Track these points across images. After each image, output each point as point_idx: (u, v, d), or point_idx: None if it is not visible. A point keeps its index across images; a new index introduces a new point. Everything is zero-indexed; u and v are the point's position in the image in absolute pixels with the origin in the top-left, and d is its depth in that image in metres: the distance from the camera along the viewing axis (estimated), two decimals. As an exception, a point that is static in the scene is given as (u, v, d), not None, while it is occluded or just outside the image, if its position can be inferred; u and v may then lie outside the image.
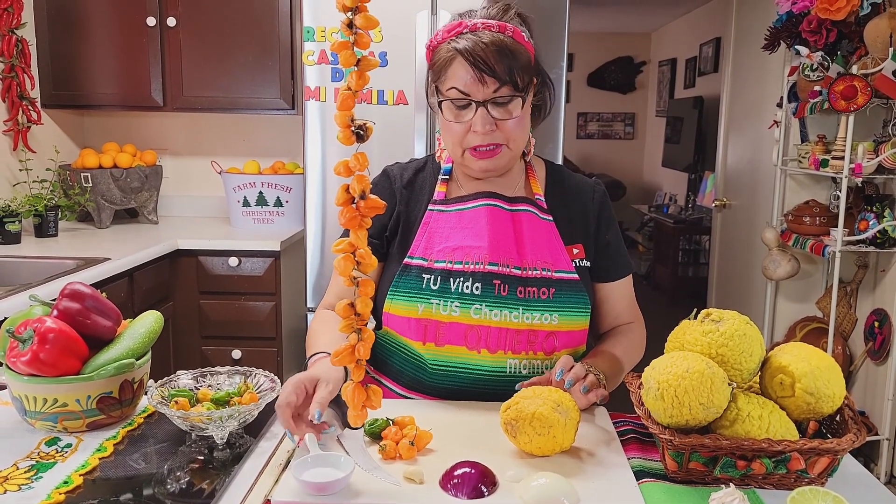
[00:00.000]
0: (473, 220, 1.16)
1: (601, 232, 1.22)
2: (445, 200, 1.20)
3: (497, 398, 1.12)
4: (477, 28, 1.10)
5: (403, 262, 1.16)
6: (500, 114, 1.11)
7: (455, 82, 1.10)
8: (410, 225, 1.20)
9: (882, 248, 2.52)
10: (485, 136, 1.11)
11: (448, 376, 1.14)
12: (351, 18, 0.76)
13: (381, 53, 2.38)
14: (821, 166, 2.57)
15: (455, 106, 1.11)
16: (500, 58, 1.08)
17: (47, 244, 2.51)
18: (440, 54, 1.12)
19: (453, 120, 1.12)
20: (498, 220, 1.16)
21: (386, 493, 0.85)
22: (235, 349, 2.64)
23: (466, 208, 1.18)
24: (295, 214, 2.87)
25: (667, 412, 0.89)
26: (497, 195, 1.18)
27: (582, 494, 0.84)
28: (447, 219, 1.18)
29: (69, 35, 2.77)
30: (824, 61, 2.49)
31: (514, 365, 1.14)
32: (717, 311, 0.96)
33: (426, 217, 1.19)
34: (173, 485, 0.88)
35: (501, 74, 1.08)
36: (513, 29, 1.11)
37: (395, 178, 1.24)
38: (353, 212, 0.80)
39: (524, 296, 1.13)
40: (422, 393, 1.17)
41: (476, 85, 1.09)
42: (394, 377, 1.21)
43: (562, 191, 1.24)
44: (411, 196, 1.22)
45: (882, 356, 2.63)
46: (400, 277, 1.16)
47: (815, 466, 0.87)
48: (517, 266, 1.14)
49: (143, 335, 1.07)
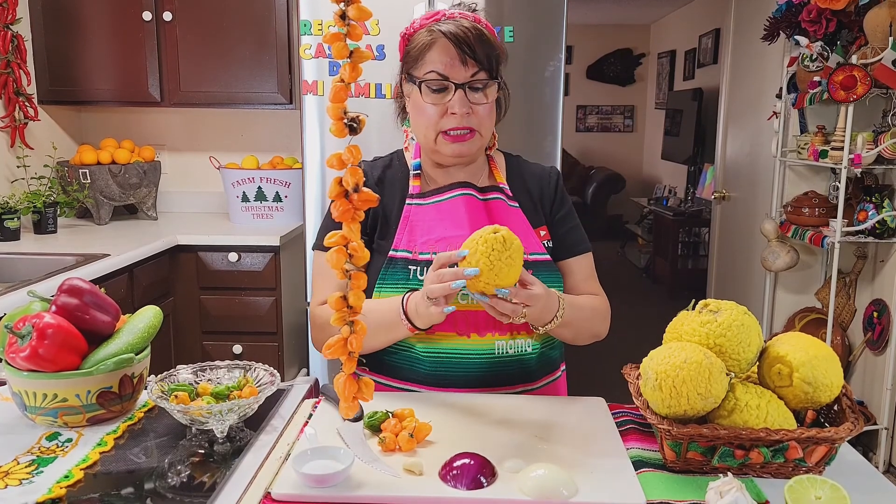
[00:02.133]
0: (452, 211, 1.20)
1: (554, 210, 1.28)
2: (421, 194, 1.23)
3: (488, 382, 1.16)
4: (455, 17, 1.16)
5: (388, 255, 1.19)
6: (477, 98, 1.15)
7: (434, 65, 1.14)
8: (388, 220, 1.22)
9: (881, 238, 2.52)
10: (461, 118, 1.14)
11: (440, 363, 1.16)
12: (344, 10, 0.76)
13: (378, 46, 2.38)
14: (820, 157, 2.57)
15: (431, 89, 1.15)
16: (480, 42, 1.14)
17: (46, 241, 2.51)
18: (418, 39, 1.17)
19: (431, 102, 1.15)
20: (474, 209, 1.20)
21: (386, 484, 0.85)
22: (236, 344, 2.64)
23: (443, 199, 1.21)
24: (294, 209, 2.87)
25: (665, 402, 0.89)
26: (470, 185, 1.22)
27: (581, 485, 0.84)
28: (426, 211, 1.21)
29: (65, 30, 2.76)
30: (824, 51, 2.48)
31: (501, 346, 1.17)
32: (714, 301, 0.97)
33: (405, 211, 1.21)
34: (174, 478, 0.88)
35: (481, 58, 1.13)
36: (485, 23, 1.18)
37: (368, 176, 1.26)
38: (347, 205, 0.80)
39: None
40: (417, 383, 1.18)
41: (457, 67, 1.13)
42: (388, 372, 1.21)
43: (522, 179, 1.29)
44: (384, 192, 1.24)
45: (881, 346, 2.64)
46: (386, 270, 1.18)
47: (813, 455, 0.87)
48: None
49: (143, 330, 1.07)
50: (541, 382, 1.23)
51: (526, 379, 1.20)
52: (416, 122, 1.20)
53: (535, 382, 1.21)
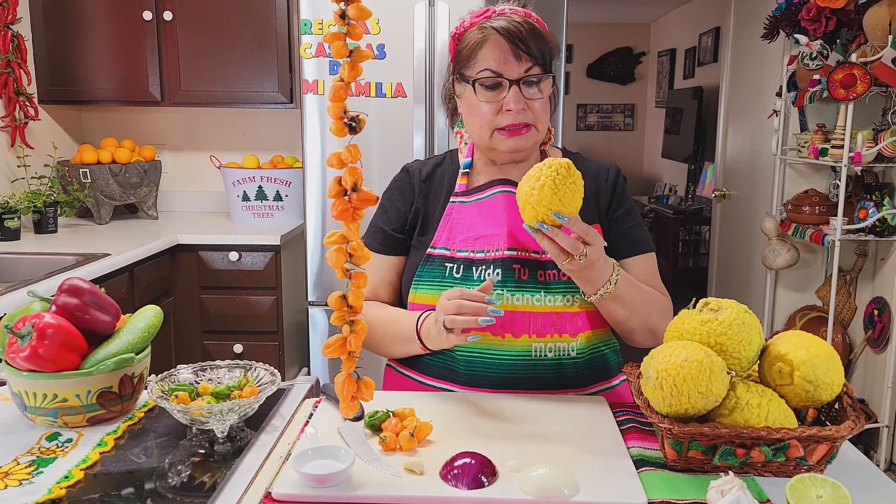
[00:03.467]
0: (492, 209, 1.19)
1: (612, 209, 1.23)
2: (466, 192, 1.23)
3: (524, 384, 1.14)
4: (505, 12, 1.15)
5: (426, 252, 1.19)
6: (531, 93, 1.14)
7: (487, 63, 1.13)
8: (430, 217, 1.23)
9: (881, 236, 2.51)
10: (517, 114, 1.13)
11: (475, 363, 1.15)
12: (343, 9, 0.76)
13: (378, 46, 2.38)
14: (820, 155, 2.57)
15: (485, 87, 1.14)
16: (532, 36, 1.12)
17: (47, 240, 2.51)
18: (469, 38, 1.16)
19: (485, 100, 1.14)
20: (514, 207, 1.17)
21: (386, 484, 0.85)
22: (237, 343, 2.64)
23: (484, 197, 1.21)
24: (294, 208, 2.87)
25: (666, 401, 0.89)
26: (512, 182, 1.20)
27: (582, 484, 0.84)
28: (468, 209, 1.21)
29: (65, 30, 2.76)
30: (823, 50, 2.48)
31: (539, 349, 1.14)
32: (715, 300, 0.96)
33: (448, 209, 1.22)
34: (174, 478, 0.88)
35: (535, 52, 1.12)
36: (536, 17, 1.17)
37: (414, 174, 1.27)
38: (346, 204, 0.80)
39: (544, 279, 1.14)
40: (450, 382, 1.18)
41: (510, 63, 1.12)
42: (422, 369, 1.21)
43: None
44: (430, 190, 1.25)
45: (881, 344, 2.64)
46: (423, 267, 1.18)
47: (814, 454, 0.87)
48: (535, 250, 1.16)
49: (143, 330, 1.07)
50: (590, 390, 1.18)
51: (571, 384, 1.16)
52: (471, 121, 1.19)
53: (582, 389, 1.17)
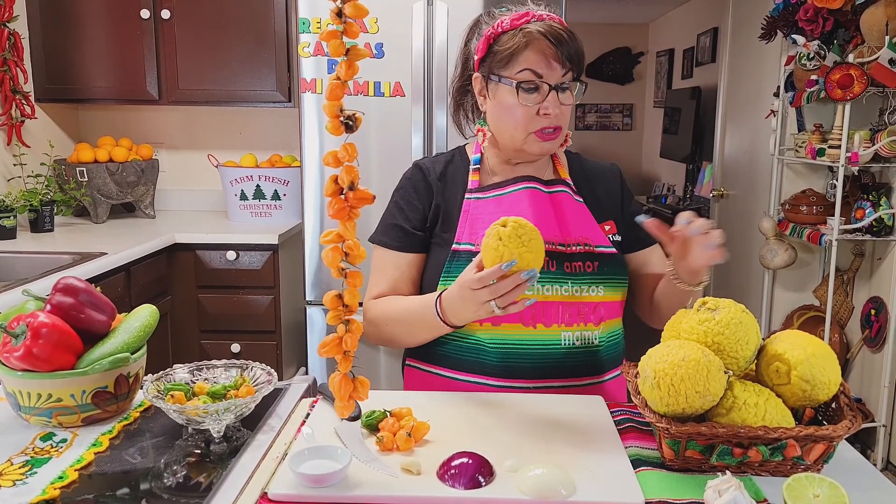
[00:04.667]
0: (515, 203, 1.21)
1: (625, 205, 1.32)
2: (480, 188, 1.25)
3: (556, 374, 1.17)
4: (544, 18, 1.18)
5: (452, 248, 1.21)
6: (564, 98, 1.18)
7: (530, 65, 1.15)
8: (449, 214, 1.25)
9: (878, 236, 2.52)
10: (553, 119, 1.17)
11: (507, 354, 1.17)
12: (340, 7, 0.75)
13: (377, 45, 2.37)
14: (817, 155, 2.57)
15: (525, 90, 1.16)
16: (572, 42, 1.16)
17: (43, 239, 2.50)
18: (509, 39, 1.17)
19: (524, 103, 1.16)
20: (538, 202, 1.22)
21: (383, 484, 0.85)
22: (234, 343, 2.64)
23: (505, 193, 1.23)
24: (292, 207, 2.86)
25: (663, 401, 0.89)
26: (535, 178, 1.24)
27: (579, 484, 0.84)
28: (486, 205, 1.22)
29: (62, 28, 2.75)
30: (821, 50, 2.48)
31: (567, 337, 1.18)
32: (713, 299, 0.96)
33: (464, 206, 1.23)
34: (170, 479, 0.88)
35: (574, 57, 1.16)
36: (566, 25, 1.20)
37: (429, 171, 1.29)
38: (342, 203, 0.80)
39: (571, 270, 1.19)
40: (482, 374, 1.19)
41: (552, 67, 1.15)
42: (450, 365, 1.21)
43: (585, 175, 1.32)
44: (446, 187, 1.27)
45: (878, 344, 2.64)
46: (451, 263, 1.20)
47: (811, 453, 0.87)
48: (561, 243, 1.20)
49: (138, 329, 1.06)
50: (608, 375, 1.23)
51: (593, 371, 1.21)
52: (503, 120, 1.20)
53: (602, 375, 1.22)
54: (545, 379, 1.17)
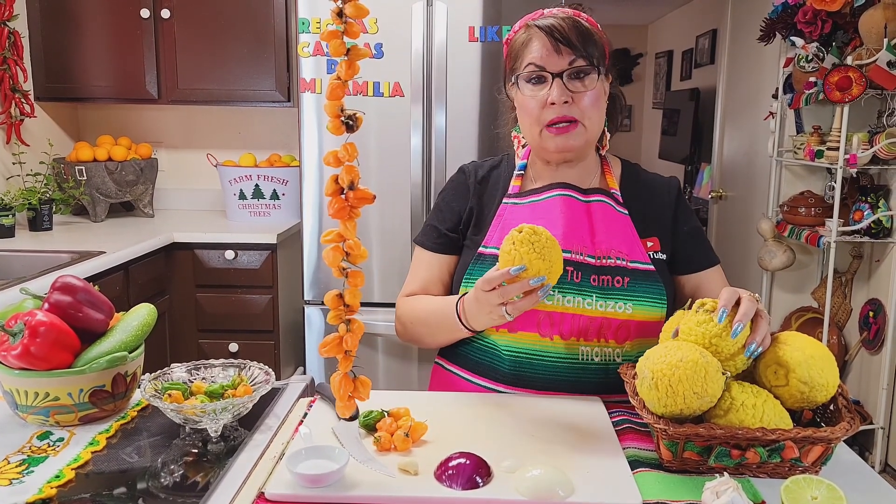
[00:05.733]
0: (547, 210, 1.19)
1: (679, 224, 1.23)
2: (519, 193, 1.23)
3: (568, 387, 1.14)
4: (553, 13, 1.18)
5: (478, 251, 1.20)
6: (576, 86, 1.14)
7: (531, 58, 1.15)
8: (483, 217, 1.24)
9: (877, 238, 2.52)
10: (560, 108, 1.14)
11: (521, 363, 1.15)
12: (341, 7, 0.75)
13: (376, 45, 2.37)
14: (816, 157, 2.57)
15: (528, 81, 1.16)
16: (575, 30, 1.14)
17: (42, 238, 2.50)
18: (517, 39, 1.19)
19: (530, 95, 1.16)
20: (572, 210, 1.18)
21: (381, 484, 0.84)
22: (232, 342, 2.64)
23: (540, 199, 1.21)
24: (291, 207, 2.86)
25: (661, 402, 0.89)
26: (571, 186, 1.21)
27: (577, 485, 0.84)
28: (520, 210, 1.21)
29: (62, 27, 2.75)
30: (819, 52, 2.48)
31: (586, 352, 1.14)
32: (711, 301, 0.96)
33: (500, 210, 1.22)
34: (167, 478, 0.88)
35: (577, 45, 1.13)
36: (586, 17, 1.18)
37: (470, 174, 1.29)
38: (342, 202, 0.80)
39: (598, 283, 1.14)
40: (493, 380, 1.17)
41: (552, 56, 1.13)
42: (470, 367, 1.21)
43: (637, 186, 1.26)
44: (484, 191, 1.26)
45: (877, 346, 2.64)
46: (474, 266, 1.19)
47: (809, 455, 0.87)
48: (591, 254, 1.15)
49: (136, 328, 1.06)
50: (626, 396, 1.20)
51: (612, 390, 1.13)
52: (523, 121, 1.20)
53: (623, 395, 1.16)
54: (556, 392, 1.13)
